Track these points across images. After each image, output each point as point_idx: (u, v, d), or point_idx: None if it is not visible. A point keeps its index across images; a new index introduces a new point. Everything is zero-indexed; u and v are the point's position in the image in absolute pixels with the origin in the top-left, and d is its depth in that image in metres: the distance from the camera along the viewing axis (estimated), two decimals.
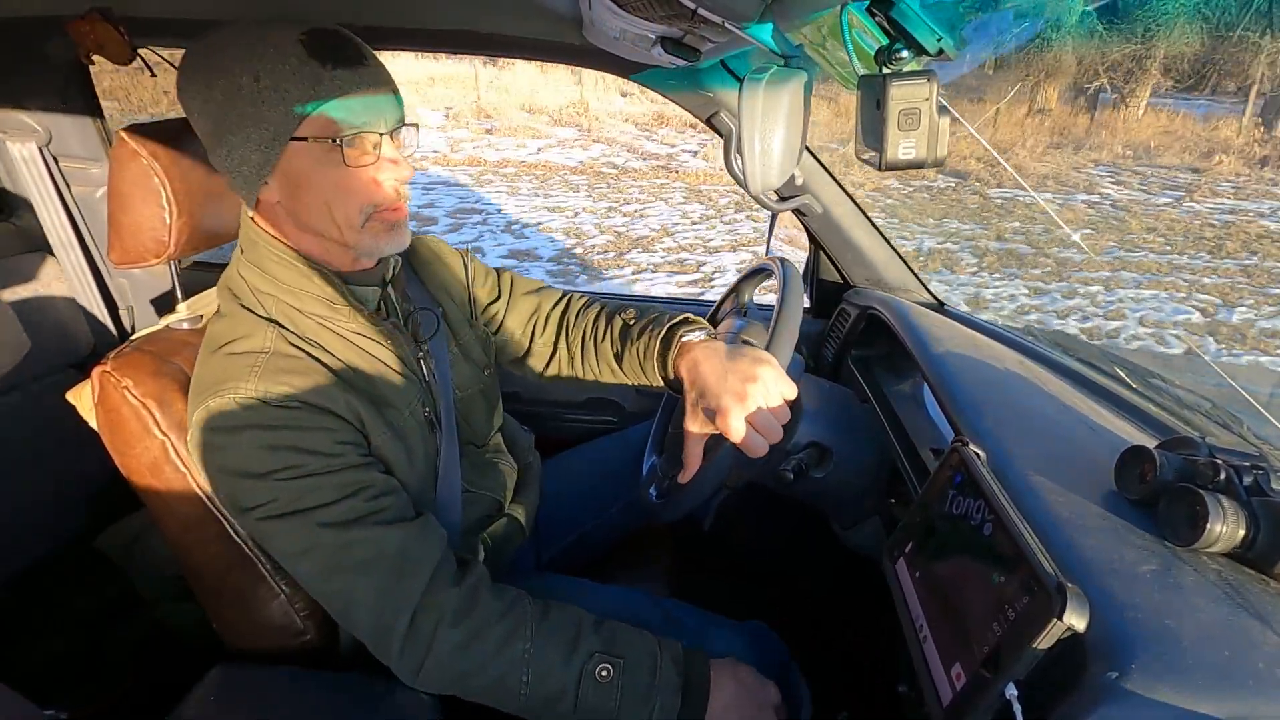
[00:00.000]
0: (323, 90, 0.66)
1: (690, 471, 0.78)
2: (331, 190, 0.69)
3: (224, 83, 0.65)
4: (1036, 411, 0.83)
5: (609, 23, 0.80)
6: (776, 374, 0.74)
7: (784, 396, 0.74)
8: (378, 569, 0.68)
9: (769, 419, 0.72)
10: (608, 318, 0.97)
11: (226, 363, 0.68)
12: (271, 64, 0.65)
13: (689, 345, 0.84)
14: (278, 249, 0.72)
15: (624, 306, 0.98)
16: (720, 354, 0.78)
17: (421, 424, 0.80)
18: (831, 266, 1.35)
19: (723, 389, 0.73)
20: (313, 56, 0.66)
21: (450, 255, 0.97)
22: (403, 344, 0.80)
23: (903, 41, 0.53)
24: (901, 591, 0.67)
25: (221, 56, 0.66)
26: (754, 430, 0.71)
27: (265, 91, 0.65)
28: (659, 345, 0.88)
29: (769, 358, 0.75)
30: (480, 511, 0.91)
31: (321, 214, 0.70)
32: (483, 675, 0.69)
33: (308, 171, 0.68)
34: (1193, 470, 0.59)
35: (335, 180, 0.69)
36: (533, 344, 1.01)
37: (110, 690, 1.12)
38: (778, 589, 1.27)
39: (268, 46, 0.65)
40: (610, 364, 0.95)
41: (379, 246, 0.74)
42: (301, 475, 0.67)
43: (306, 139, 0.67)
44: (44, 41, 1.20)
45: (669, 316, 0.91)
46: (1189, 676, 0.45)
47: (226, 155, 0.68)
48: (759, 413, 0.71)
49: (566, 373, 1.02)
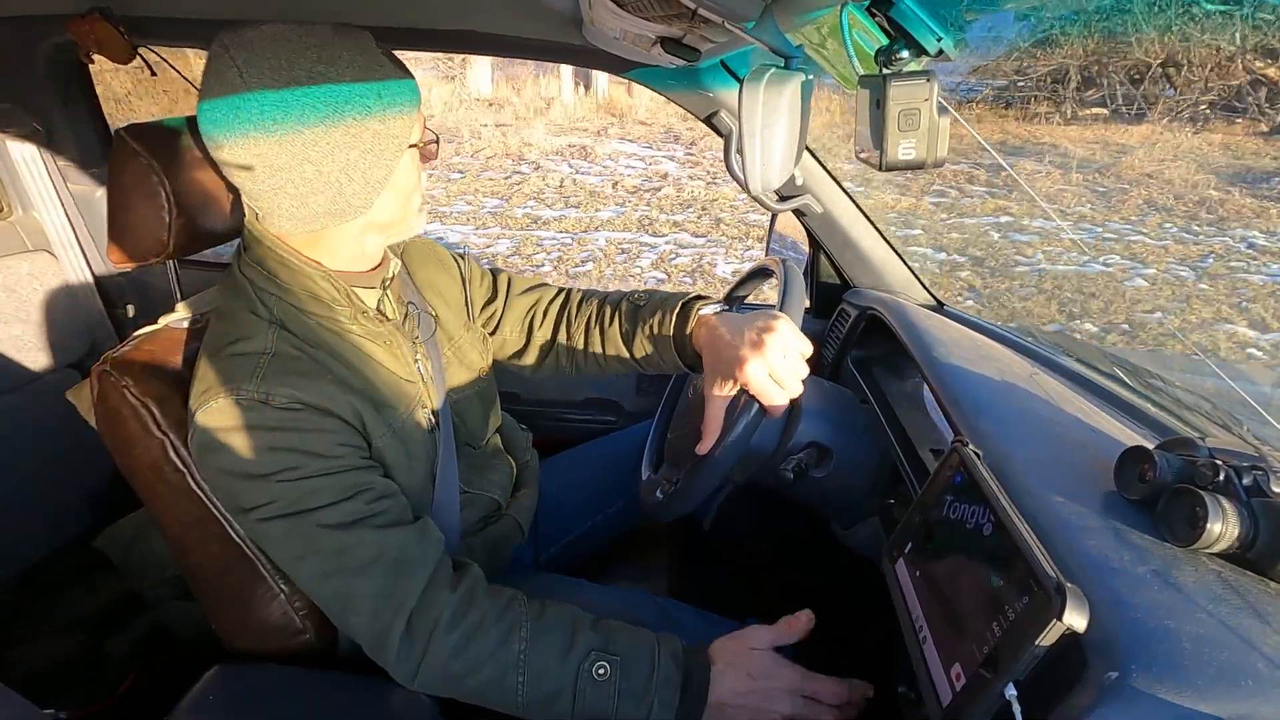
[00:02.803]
0: (413, 95, 0.71)
1: (711, 439, 0.78)
2: (414, 184, 0.76)
3: (346, 103, 0.66)
4: (1036, 412, 0.83)
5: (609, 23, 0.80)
6: (792, 328, 0.76)
7: (801, 352, 0.75)
8: (376, 571, 0.68)
9: (787, 369, 0.74)
10: (614, 303, 0.99)
11: (229, 363, 0.68)
12: (381, 74, 0.68)
13: (705, 318, 0.86)
14: (281, 250, 0.73)
15: (628, 293, 1.00)
16: (736, 318, 0.82)
17: (419, 425, 0.80)
18: (831, 267, 1.35)
19: (740, 341, 0.76)
20: (390, 60, 0.71)
21: (445, 257, 0.98)
22: (402, 345, 0.80)
23: (903, 42, 0.53)
24: (901, 592, 0.67)
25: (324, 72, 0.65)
26: (773, 381, 0.73)
27: (386, 102, 0.68)
28: (675, 320, 0.90)
29: (783, 314, 0.78)
30: (478, 512, 0.91)
31: (403, 208, 0.75)
32: (479, 677, 0.69)
33: (406, 171, 0.73)
34: (1192, 471, 0.59)
35: (415, 176, 0.76)
36: (531, 336, 1.02)
37: (110, 690, 1.12)
38: (777, 589, 1.27)
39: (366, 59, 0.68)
40: (618, 346, 0.96)
41: (420, 226, 0.80)
42: (302, 477, 0.67)
43: (417, 145, 0.73)
44: (44, 41, 1.20)
45: (680, 295, 0.93)
46: (1189, 676, 0.45)
47: (341, 172, 0.67)
48: (778, 363, 0.73)
49: (566, 363, 1.03)
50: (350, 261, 0.76)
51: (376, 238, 0.76)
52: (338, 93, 0.65)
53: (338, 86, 0.65)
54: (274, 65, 0.63)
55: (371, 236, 0.76)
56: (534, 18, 1.07)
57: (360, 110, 0.66)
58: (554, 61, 1.22)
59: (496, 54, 1.22)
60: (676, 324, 0.90)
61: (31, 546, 1.28)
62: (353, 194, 0.69)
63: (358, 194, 0.69)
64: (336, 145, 0.66)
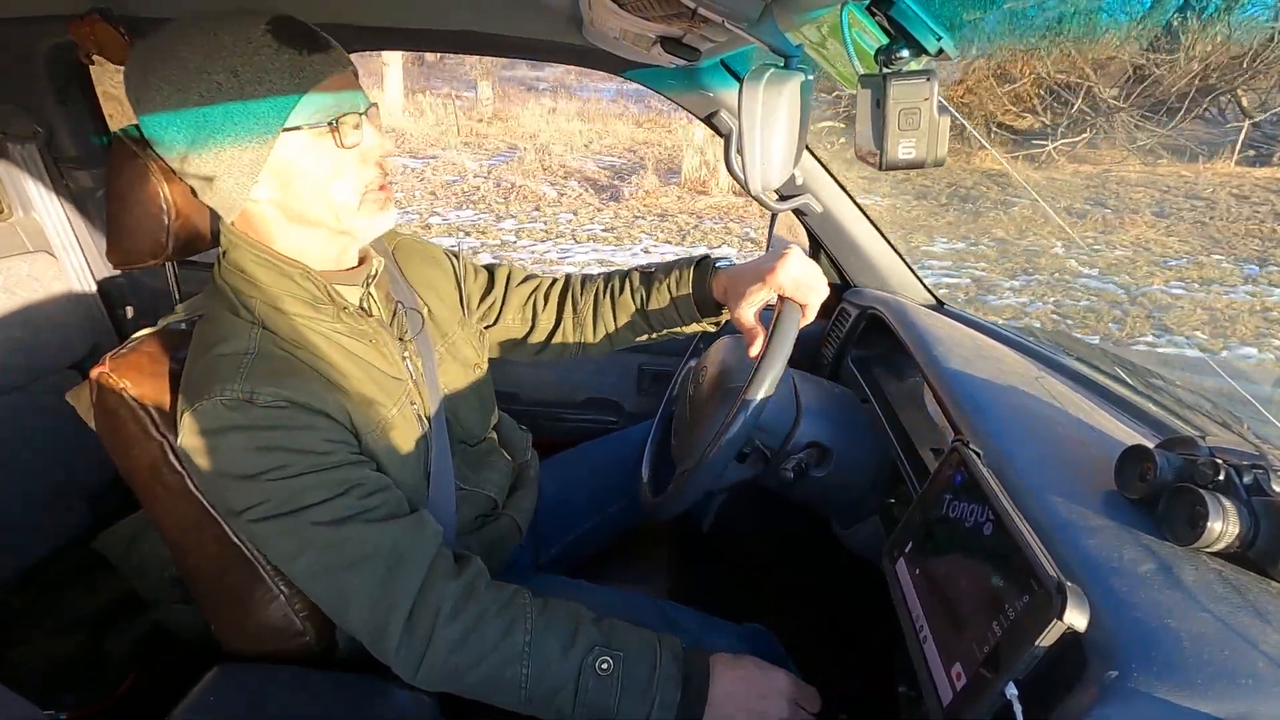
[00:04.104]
0: (305, 77, 0.66)
1: (758, 343, 0.85)
2: (326, 176, 0.70)
3: (200, 84, 0.64)
4: (1037, 411, 0.83)
5: (609, 22, 0.80)
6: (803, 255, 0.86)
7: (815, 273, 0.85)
8: (373, 566, 0.68)
9: (812, 272, 0.84)
10: (621, 276, 1.03)
11: (212, 365, 0.68)
12: (247, 57, 0.64)
13: (721, 270, 0.94)
14: (257, 250, 0.72)
15: (633, 268, 1.04)
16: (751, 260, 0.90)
17: (410, 422, 0.80)
18: (832, 266, 1.35)
19: (762, 264, 0.85)
20: (286, 45, 0.66)
21: (438, 254, 0.98)
22: (389, 343, 0.80)
23: (903, 41, 0.53)
24: (901, 591, 0.67)
25: (186, 57, 0.64)
26: (801, 281, 0.82)
27: (249, 86, 0.64)
28: (693, 273, 0.96)
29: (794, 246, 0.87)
30: (475, 510, 0.91)
31: (318, 202, 0.71)
32: (483, 669, 0.69)
33: (300, 160, 0.69)
34: (1192, 470, 0.59)
35: (329, 165, 0.70)
36: (536, 321, 1.04)
37: (110, 690, 1.12)
38: (777, 589, 1.27)
39: (236, 40, 0.64)
40: (631, 313, 1.01)
41: (374, 225, 0.75)
42: (292, 475, 0.67)
43: (300, 128, 0.67)
44: (44, 41, 1.20)
45: (690, 257, 0.99)
46: (1189, 676, 0.45)
47: (214, 159, 0.67)
48: (801, 269, 0.83)
49: (572, 342, 1.05)
50: (323, 262, 0.76)
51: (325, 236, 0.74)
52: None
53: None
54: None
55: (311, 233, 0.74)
56: (534, 18, 1.07)
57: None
58: (554, 61, 1.22)
59: (497, 54, 1.22)
60: (695, 277, 0.96)
61: (31, 546, 1.28)
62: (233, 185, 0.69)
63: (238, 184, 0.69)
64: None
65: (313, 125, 0.67)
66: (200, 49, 0.64)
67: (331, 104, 0.68)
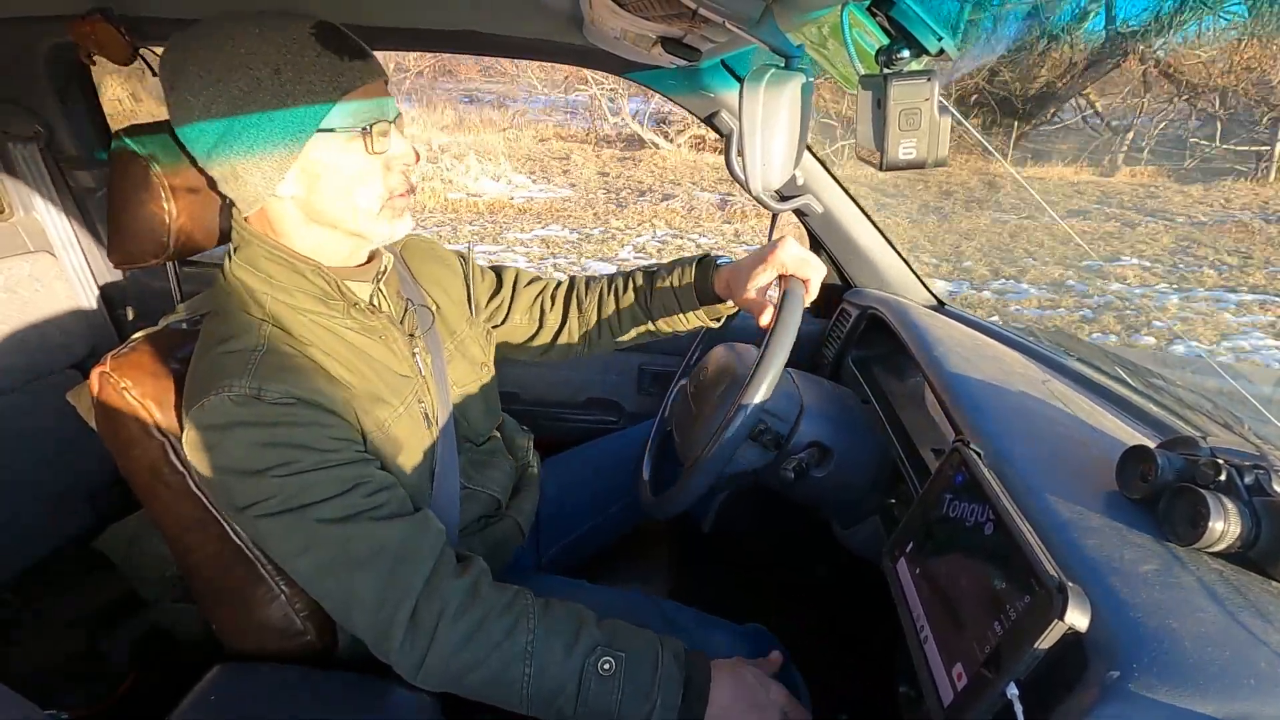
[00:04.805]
0: (344, 82, 0.68)
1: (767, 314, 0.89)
2: (353, 179, 0.72)
3: (240, 77, 0.65)
4: (1037, 411, 0.83)
5: (610, 22, 0.80)
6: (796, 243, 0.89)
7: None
8: (377, 564, 0.68)
9: (808, 254, 0.87)
10: (624, 275, 1.06)
11: (220, 361, 0.68)
12: (291, 56, 0.66)
13: (721, 266, 0.97)
14: (270, 246, 0.73)
15: (635, 268, 1.06)
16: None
17: (417, 420, 0.80)
18: (832, 267, 1.35)
19: (762, 249, 0.89)
20: (328, 49, 0.68)
21: (447, 254, 0.99)
22: (398, 340, 0.80)
23: (903, 41, 0.53)
24: (902, 591, 0.66)
25: (230, 51, 0.65)
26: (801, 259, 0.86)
27: (289, 84, 0.66)
28: (695, 270, 0.99)
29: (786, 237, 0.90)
30: (479, 510, 0.91)
31: (341, 204, 0.72)
32: (485, 668, 0.69)
33: (330, 162, 0.70)
34: (1194, 470, 0.59)
35: (357, 169, 0.71)
36: (544, 320, 1.06)
37: (110, 690, 1.12)
38: (777, 589, 1.27)
39: (281, 38, 0.66)
40: (634, 309, 1.03)
41: (391, 231, 0.76)
42: (297, 471, 0.66)
43: (334, 130, 0.69)
44: (44, 41, 1.20)
45: (691, 256, 1.02)
46: (1190, 676, 0.45)
47: (245, 152, 0.68)
48: (801, 250, 0.87)
49: (579, 339, 1.07)
50: (334, 259, 0.77)
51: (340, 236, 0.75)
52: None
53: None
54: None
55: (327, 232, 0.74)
56: (535, 18, 1.07)
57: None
58: (554, 61, 1.22)
59: (497, 54, 1.22)
60: (697, 273, 0.99)
61: (31, 546, 1.28)
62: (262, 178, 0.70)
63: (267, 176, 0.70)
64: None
65: (346, 129, 0.69)
66: (244, 43, 0.66)
67: (365, 110, 0.70)
